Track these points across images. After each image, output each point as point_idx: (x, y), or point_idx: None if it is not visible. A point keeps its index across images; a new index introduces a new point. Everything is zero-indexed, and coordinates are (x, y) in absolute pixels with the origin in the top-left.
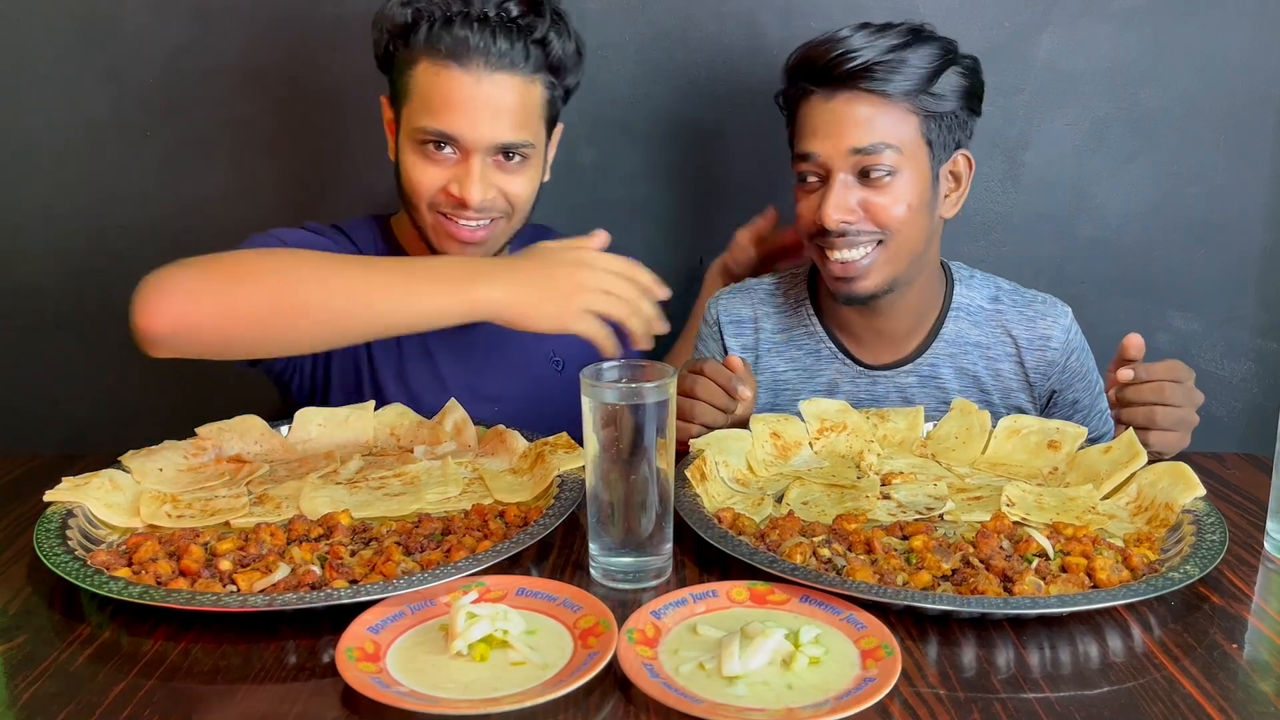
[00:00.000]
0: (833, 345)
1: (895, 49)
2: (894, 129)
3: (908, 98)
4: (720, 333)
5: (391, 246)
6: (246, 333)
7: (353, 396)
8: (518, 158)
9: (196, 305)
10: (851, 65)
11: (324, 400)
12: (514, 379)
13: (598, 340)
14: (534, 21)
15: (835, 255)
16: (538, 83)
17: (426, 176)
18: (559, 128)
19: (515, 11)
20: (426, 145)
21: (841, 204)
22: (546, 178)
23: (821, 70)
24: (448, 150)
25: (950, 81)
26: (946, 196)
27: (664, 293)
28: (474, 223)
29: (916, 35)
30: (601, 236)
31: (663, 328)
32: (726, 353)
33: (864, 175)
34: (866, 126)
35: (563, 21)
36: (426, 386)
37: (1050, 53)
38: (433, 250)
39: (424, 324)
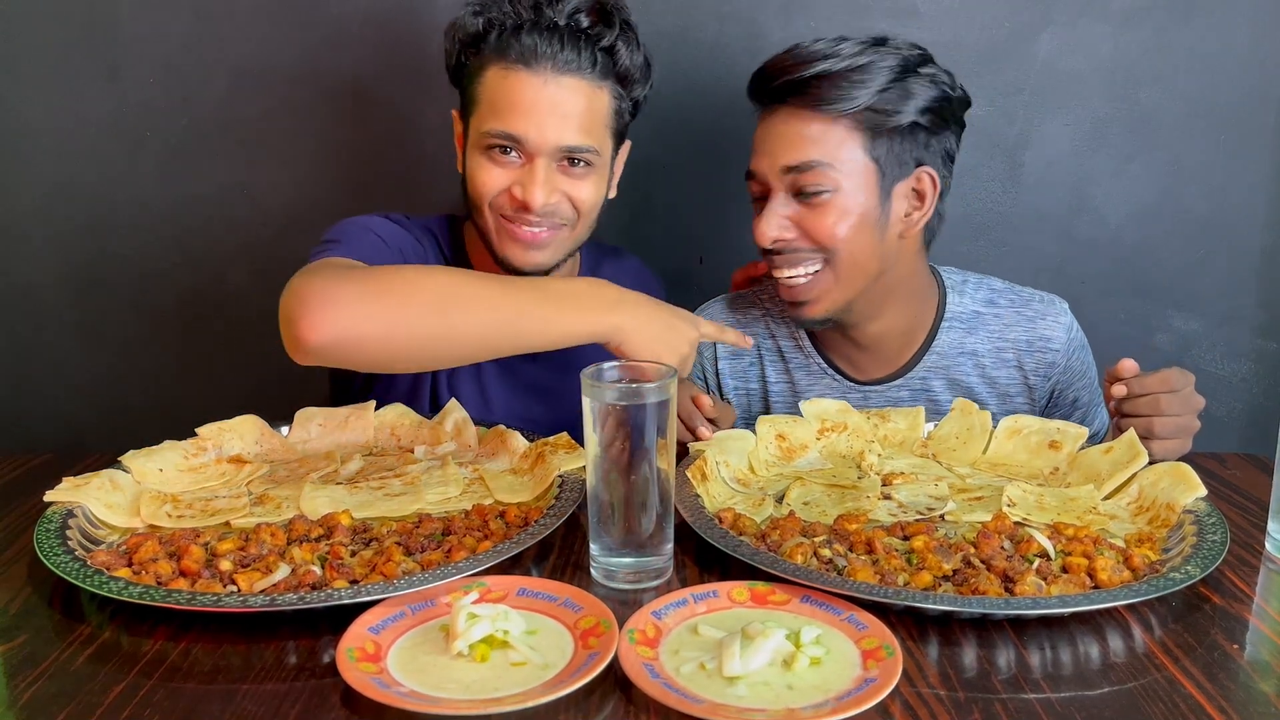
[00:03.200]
0: (821, 361)
1: (846, 61)
2: (831, 147)
3: (849, 115)
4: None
5: (455, 250)
6: (406, 351)
7: (404, 396)
8: (582, 164)
9: (362, 320)
10: (789, 78)
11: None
12: (558, 408)
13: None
14: (603, 31)
15: (779, 275)
16: (605, 90)
17: (490, 178)
18: (626, 144)
19: (586, 22)
20: (493, 150)
21: (774, 222)
22: (613, 194)
23: (762, 87)
24: (513, 155)
25: (907, 95)
26: (908, 215)
27: (749, 343)
28: (538, 226)
29: (875, 48)
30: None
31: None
32: (715, 363)
33: (799, 194)
34: (799, 144)
35: (632, 33)
36: (470, 401)
37: (1050, 53)
38: (494, 256)
39: (559, 345)
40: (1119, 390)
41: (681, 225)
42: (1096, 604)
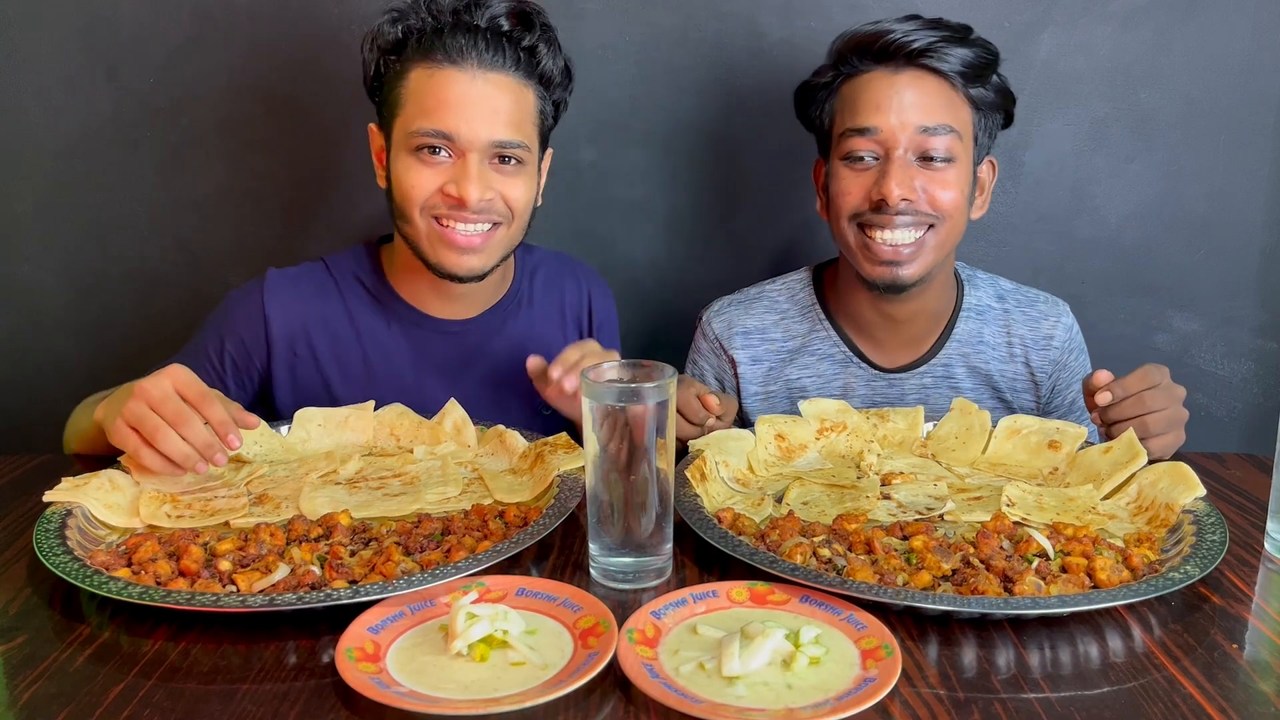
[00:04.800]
0: (847, 349)
1: (950, 39)
2: (955, 113)
3: (966, 84)
4: (723, 347)
5: (375, 278)
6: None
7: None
8: (513, 161)
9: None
10: (919, 44)
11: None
12: (505, 419)
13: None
14: (522, 34)
15: (884, 236)
16: (529, 89)
17: (421, 179)
18: (549, 151)
19: (506, 25)
20: (422, 150)
21: (905, 180)
22: (539, 202)
23: (885, 48)
24: (443, 154)
25: (995, 82)
26: (975, 198)
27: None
28: (471, 227)
29: (967, 33)
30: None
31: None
32: (735, 366)
33: (922, 159)
34: (932, 106)
35: (552, 35)
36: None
37: (1050, 53)
38: (427, 264)
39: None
40: (1103, 398)
41: (681, 225)
42: (1096, 604)
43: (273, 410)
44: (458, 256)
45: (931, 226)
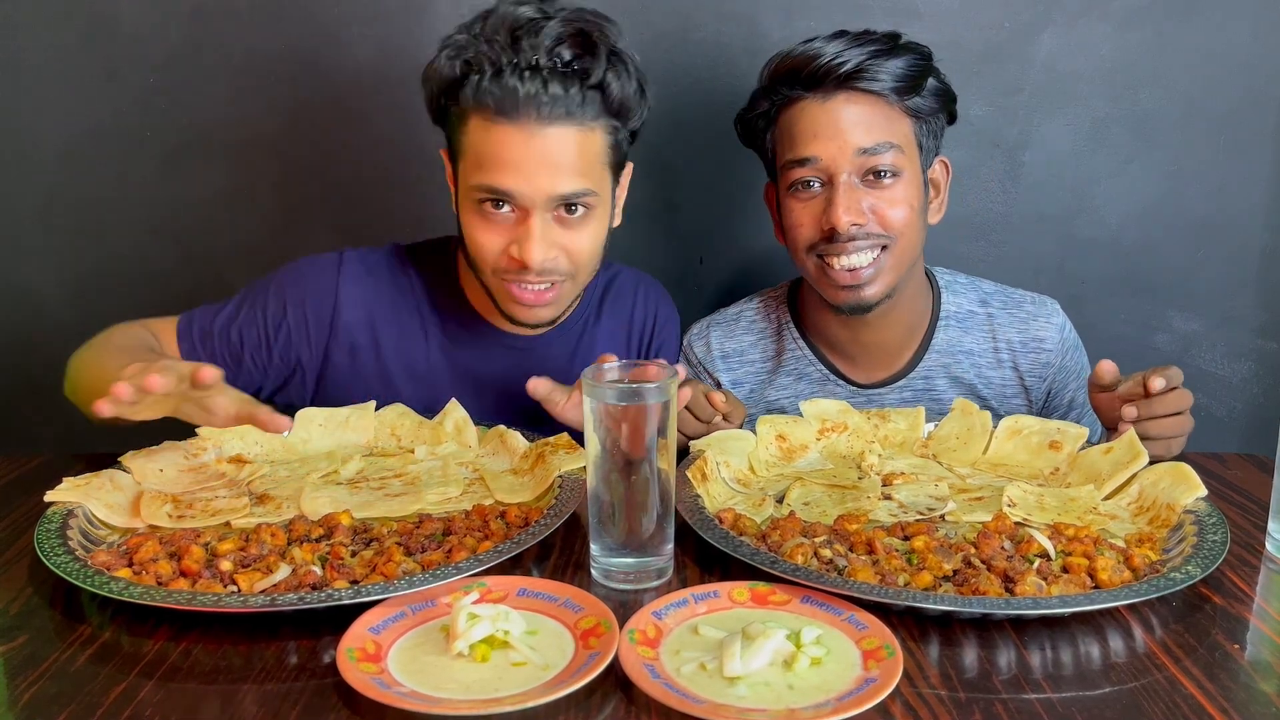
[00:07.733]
0: (823, 367)
1: (879, 53)
2: (894, 128)
3: (900, 98)
4: (707, 370)
5: (448, 280)
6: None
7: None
8: (580, 209)
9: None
10: (847, 66)
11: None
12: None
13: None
14: (589, 65)
15: (841, 262)
16: (598, 129)
17: (487, 240)
18: (628, 168)
19: (568, 56)
20: (484, 204)
21: (852, 206)
22: (617, 222)
23: (814, 74)
24: (506, 209)
25: (931, 86)
26: (930, 203)
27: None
28: (538, 285)
29: (895, 41)
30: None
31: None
32: (719, 388)
33: (867, 178)
34: (869, 126)
35: (620, 61)
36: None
37: (1050, 53)
38: (499, 310)
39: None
40: (1129, 413)
41: (681, 225)
42: (1097, 604)
43: (313, 398)
44: (527, 310)
45: (885, 247)
